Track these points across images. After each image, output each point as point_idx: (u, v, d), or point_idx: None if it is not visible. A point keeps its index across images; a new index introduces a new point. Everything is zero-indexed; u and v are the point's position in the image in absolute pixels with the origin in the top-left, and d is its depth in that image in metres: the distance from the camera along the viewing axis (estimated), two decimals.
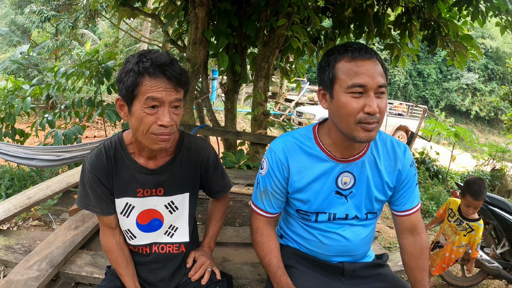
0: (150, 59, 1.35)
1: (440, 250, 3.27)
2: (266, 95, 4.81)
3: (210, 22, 4.48)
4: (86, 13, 11.11)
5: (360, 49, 1.42)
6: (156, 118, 1.38)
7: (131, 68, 1.36)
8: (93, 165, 1.55)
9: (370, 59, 1.41)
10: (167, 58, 1.38)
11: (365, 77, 1.39)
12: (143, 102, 1.36)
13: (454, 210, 3.21)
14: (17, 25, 17.92)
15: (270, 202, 1.70)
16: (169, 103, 1.39)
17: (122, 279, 1.66)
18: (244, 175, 4.05)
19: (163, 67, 1.35)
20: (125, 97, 1.41)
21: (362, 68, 1.40)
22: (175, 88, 1.38)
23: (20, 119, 10.15)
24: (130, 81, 1.36)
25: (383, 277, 1.71)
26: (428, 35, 4.54)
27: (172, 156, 1.62)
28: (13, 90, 5.47)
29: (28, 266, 1.97)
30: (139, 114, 1.38)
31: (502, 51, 30.12)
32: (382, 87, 1.40)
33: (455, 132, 8.91)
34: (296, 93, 19.24)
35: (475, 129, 29.13)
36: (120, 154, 1.57)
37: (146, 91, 1.35)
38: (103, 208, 1.60)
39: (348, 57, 1.42)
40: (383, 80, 1.41)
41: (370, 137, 1.43)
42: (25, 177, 4.81)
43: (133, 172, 1.57)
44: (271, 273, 1.61)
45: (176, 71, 1.38)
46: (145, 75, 1.35)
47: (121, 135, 1.60)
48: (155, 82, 1.35)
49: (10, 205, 2.65)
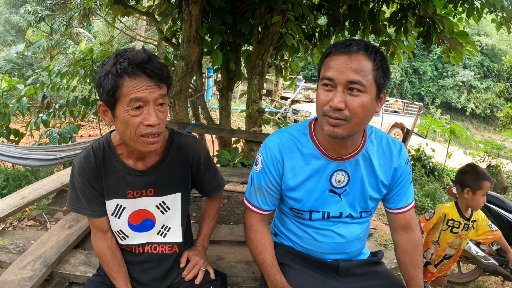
0: (127, 58, 1.30)
1: (450, 260, 2.96)
2: (261, 93, 4.80)
3: (204, 19, 4.46)
4: (80, 12, 11.08)
5: (342, 44, 1.40)
6: (142, 119, 1.34)
7: (108, 70, 1.31)
8: (82, 168, 1.52)
9: (347, 54, 1.38)
10: (145, 55, 1.33)
11: (334, 71, 1.38)
12: (127, 104, 1.31)
13: (457, 218, 2.80)
14: (11, 24, 17.85)
15: (265, 199, 1.69)
16: (154, 101, 1.35)
17: (114, 282, 1.65)
18: (239, 173, 4.04)
19: (142, 65, 1.30)
20: (107, 102, 1.36)
21: (334, 62, 1.39)
22: (157, 85, 1.34)
23: (15, 119, 10.11)
24: (110, 84, 1.30)
25: (378, 274, 1.71)
26: (424, 31, 4.53)
27: (162, 156, 1.59)
28: (8, 90, 5.44)
29: (22, 266, 1.95)
30: (124, 117, 1.34)
31: (498, 48, 30.28)
32: (354, 84, 1.35)
33: (450, 129, 8.93)
34: (292, 91, 19.24)
35: (471, 126, 29.27)
36: (109, 155, 1.54)
37: (128, 93, 1.30)
38: (94, 210, 1.58)
39: (331, 52, 1.42)
40: (357, 77, 1.35)
41: (333, 132, 1.41)
42: (20, 177, 4.78)
43: (122, 173, 1.55)
44: (265, 271, 1.60)
45: (156, 67, 1.33)
46: (125, 76, 1.30)
47: (109, 136, 1.57)
48: (136, 82, 1.30)
49: (4, 205, 2.64)
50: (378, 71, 1.39)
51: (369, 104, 1.39)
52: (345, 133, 1.41)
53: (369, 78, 1.37)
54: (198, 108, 5.54)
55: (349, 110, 1.37)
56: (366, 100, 1.37)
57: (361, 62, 1.36)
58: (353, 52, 1.37)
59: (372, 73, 1.38)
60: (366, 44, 1.40)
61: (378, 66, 1.39)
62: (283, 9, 4.27)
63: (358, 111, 1.37)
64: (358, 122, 1.40)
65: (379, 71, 1.39)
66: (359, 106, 1.37)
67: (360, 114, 1.38)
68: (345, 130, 1.40)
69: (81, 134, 9.62)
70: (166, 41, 5.29)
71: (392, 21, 4.65)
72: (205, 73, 11.77)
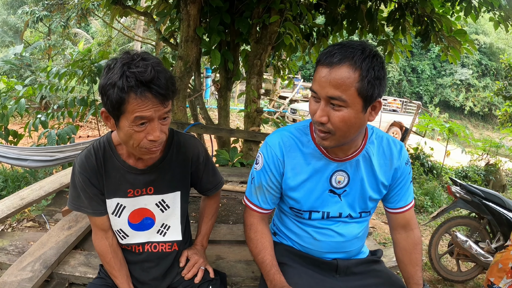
0: (135, 76, 1.27)
1: None
2: (259, 92, 4.79)
3: (202, 19, 4.46)
4: (78, 12, 11.08)
5: (327, 53, 1.35)
6: (146, 134, 1.35)
7: (114, 82, 1.28)
8: (83, 166, 1.54)
9: (328, 66, 1.33)
10: (152, 73, 1.29)
11: (317, 84, 1.37)
12: (132, 121, 1.32)
13: None
14: (9, 26, 17.83)
15: (265, 198, 1.69)
16: (158, 118, 1.36)
17: (115, 281, 1.65)
18: (238, 173, 4.04)
19: (149, 85, 1.28)
20: (110, 112, 1.36)
21: (318, 75, 1.37)
22: (162, 104, 1.33)
23: (13, 120, 10.11)
24: (115, 98, 1.29)
25: (377, 273, 1.71)
26: (422, 30, 4.54)
27: (162, 154, 1.61)
28: (6, 91, 5.44)
29: (21, 268, 1.95)
30: (127, 131, 1.35)
31: (496, 46, 30.30)
32: (333, 99, 1.32)
33: (448, 128, 8.94)
34: (290, 90, 19.25)
35: (469, 125, 29.28)
36: (109, 154, 1.56)
37: (133, 110, 1.30)
38: (95, 208, 1.59)
39: (320, 61, 1.39)
40: (336, 92, 1.31)
41: (322, 143, 1.45)
42: (19, 178, 4.78)
43: (122, 172, 1.56)
44: (265, 271, 1.60)
45: (162, 87, 1.30)
46: (131, 93, 1.28)
47: (109, 136, 1.59)
48: (142, 102, 1.29)
49: (3, 207, 2.63)
50: (362, 82, 1.31)
51: (353, 118, 1.35)
52: (333, 144, 1.42)
53: (350, 93, 1.31)
54: (197, 108, 5.54)
55: (332, 124, 1.37)
56: (347, 115, 1.34)
57: (342, 75, 1.30)
58: (334, 64, 1.32)
59: (355, 85, 1.30)
60: (353, 51, 1.32)
61: (364, 76, 1.30)
62: (281, 8, 4.27)
63: (340, 126, 1.36)
64: (342, 135, 1.39)
65: (364, 82, 1.31)
66: (340, 121, 1.35)
67: (342, 128, 1.36)
68: (332, 142, 1.41)
69: (79, 134, 9.62)
70: (164, 41, 5.29)
71: (390, 20, 4.66)
72: (203, 73, 11.77)
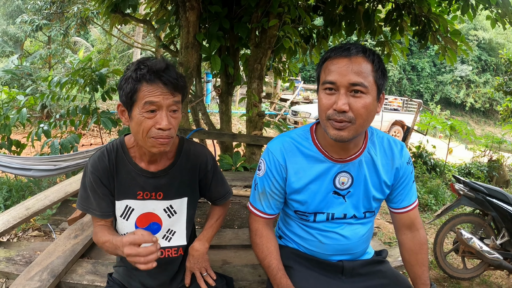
0: (147, 66, 1.41)
1: None
2: (260, 96, 4.81)
3: (202, 25, 4.48)
4: (77, 21, 11.11)
5: (340, 48, 1.44)
6: (155, 122, 1.42)
7: (129, 75, 1.43)
8: (95, 166, 1.58)
9: (347, 57, 1.41)
10: (163, 64, 1.44)
11: (336, 74, 1.41)
12: (142, 107, 1.41)
13: None
14: (9, 36, 17.85)
15: (269, 203, 1.71)
16: (167, 107, 1.43)
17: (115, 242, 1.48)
18: (242, 177, 4.05)
19: (159, 73, 1.41)
20: (125, 103, 1.47)
21: (335, 66, 1.42)
22: (171, 93, 1.43)
23: (15, 130, 10.13)
24: (129, 87, 1.42)
25: (383, 273, 1.72)
26: (419, 30, 4.55)
27: (172, 160, 1.66)
28: (8, 102, 5.46)
29: (29, 277, 1.97)
30: (138, 118, 1.43)
31: (495, 42, 30.26)
32: (356, 85, 1.39)
33: (450, 125, 8.92)
34: (291, 92, 19.26)
35: (470, 121, 29.23)
36: (121, 156, 1.61)
37: (144, 96, 1.40)
38: (103, 210, 1.61)
39: (330, 56, 1.45)
40: (358, 79, 1.39)
41: (339, 135, 1.43)
42: (23, 188, 4.80)
43: (133, 174, 1.60)
44: (271, 275, 1.61)
45: (172, 76, 1.43)
46: (143, 82, 1.41)
47: (122, 139, 1.65)
48: (152, 88, 1.40)
49: (9, 217, 2.65)
50: (377, 72, 1.43)
51: (371, 104, 1.42)
52: (350, 135, 1.43)
53: (370, 80, 1.41)
54: (199, 114, 5.55)
55: (353, 111, 1.40)
56: (368, 101, 1.41)
57: (361, 64, 1.40)
58: (352, 55, 1.41)
59: (372, 74, 1.42)
60: (363, 47, 1.44)
61: (377, 67, 1.43)
62: (280, 12, 4.29)
63: (362, 112, 1.40)
64: (361, 123, 1.43)
65: (378, 72, 1.43)
66: (362, 107, 1.40)
67: (363, 115, 1.41)
68: (350, 132, 1.43)
69: (82, 143, 9.64)
70: (165, 48, 5.32)
71: (388, 20, 4.67)
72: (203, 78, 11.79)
